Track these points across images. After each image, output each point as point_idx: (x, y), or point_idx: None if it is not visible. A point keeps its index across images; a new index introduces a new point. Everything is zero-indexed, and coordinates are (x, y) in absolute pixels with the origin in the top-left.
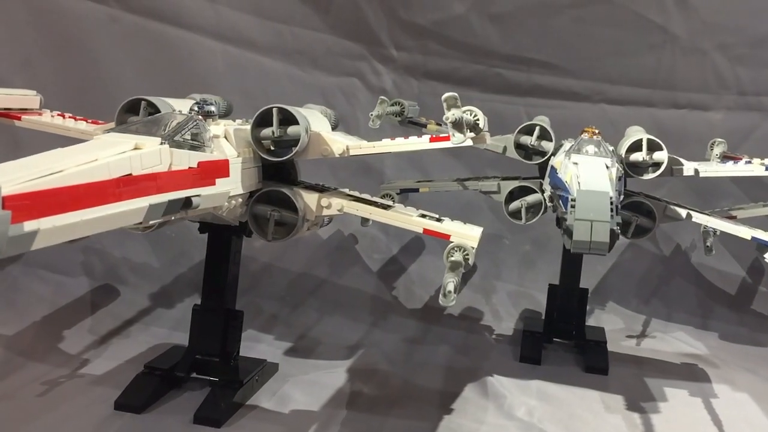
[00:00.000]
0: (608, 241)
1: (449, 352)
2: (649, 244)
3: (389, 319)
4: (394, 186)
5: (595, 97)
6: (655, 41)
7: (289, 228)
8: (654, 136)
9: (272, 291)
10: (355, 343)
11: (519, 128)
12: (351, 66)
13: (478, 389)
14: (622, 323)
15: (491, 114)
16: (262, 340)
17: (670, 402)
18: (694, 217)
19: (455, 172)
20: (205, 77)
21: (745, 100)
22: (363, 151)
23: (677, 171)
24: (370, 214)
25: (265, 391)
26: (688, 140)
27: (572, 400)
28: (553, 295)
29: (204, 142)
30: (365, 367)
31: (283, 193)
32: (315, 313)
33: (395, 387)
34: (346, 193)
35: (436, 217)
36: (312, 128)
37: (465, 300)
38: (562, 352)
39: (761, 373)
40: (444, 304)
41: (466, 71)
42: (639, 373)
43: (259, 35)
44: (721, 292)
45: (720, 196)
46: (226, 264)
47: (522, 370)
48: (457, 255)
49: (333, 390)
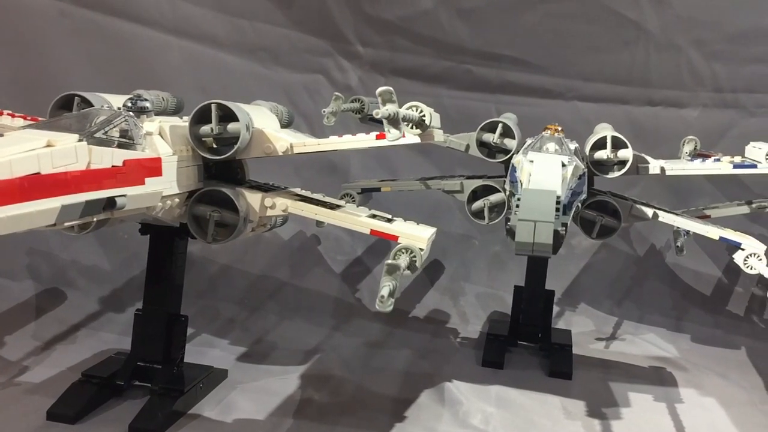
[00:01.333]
0: (551, 242)
1: (410, 356)
2: (622, 245)
3: (352, 322)
4: (356, 185)
5: (568, 95)
6: (628, 37)
7: (231, 229)
8: (620, 134)
9: (230, 294)
10: (312, 348)
11: (481, 125)
12: (315, 62)
13: (434, 395)
14: (593, 325)
15: (461, 112)
16: (216, 345)
17: (633, 407)
18: (661, 216)
19: (425, 170)
20: (161, 73)
21: (722, 97)
22: (307, 149)
23: (643, 169)
24: (315, 215)
25: (210, 399)
26: (663, 138)
27: (532, 406)
28: (518, 297)
29: (134, 139)
30: (319, 373)
31: (224, 193)
32: (274, 317)
33: (348, 394)
34: (294, 192)
35: (387, 218)
36: (255, 125)
37: (431, 302)
38: (527, 356)
39: (731, 377)
40: (380, 309)
41: (435, 68)
42: (604, 377)
43: (219, 30)
44: (696, 293)
45: (696, 194)
46: (169, 267)
47: (483, 375)
48: (403, 257)
49: (282, 397)
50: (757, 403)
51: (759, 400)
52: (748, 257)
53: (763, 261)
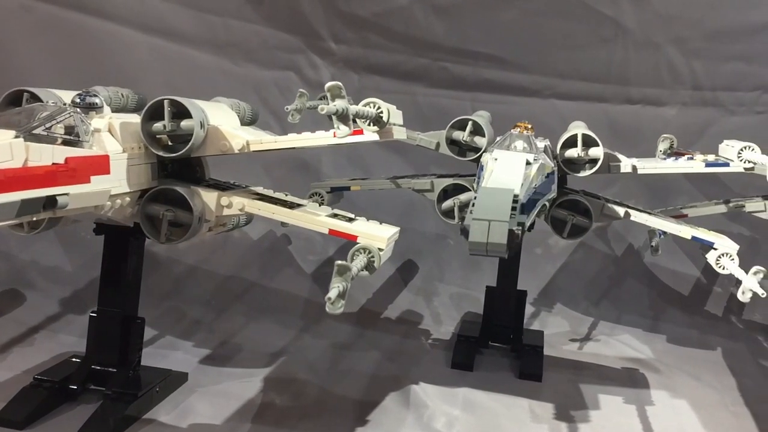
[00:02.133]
0: (505, 242)
1: (378, 358)
2: (600, 244)
3: (321, 323)
4: (325, 184)
5: (545, 92)
6: (606, 34)
7: (185, 229)
8: (597, 132)
9: (197, 295)
10: (278, 350)
11: (451, 123)
12: (287, 59)
13: (399, 398)
14: (568, 326)
15: (436, 110)
16: (180, 348)
17: (602, 410)
18: (633, 215)
19: (399, 169)
20: (127, 70)
21: (701, 95)
22: (264, 147)
23: (614, 168)
24: (273, 214)
25: (167, 403)
26: (642, 136)
27: (498, 409)
28: (490, 297)
29: (80, 136)
30: (283, 375)
31: (178, 192)
32: (241, 319)
33: (310, 397)
34: (254, 191)
35: (348, 217)
36: (211, 122)
37: (404, 303)
38: (498, 357)
39: (704, 379)
40: (330, 312)
41: (410, 65)
42: (575, 379)
43: (188, 26)
44: (674, 292)
45: (674, 194)
46: (125, 267)
47: (452, 377)
48: (360, 257)
49: (242, 401)
50: (728, 404)
51: (731, 402)
52: (720, 257)
53: (735, 261)
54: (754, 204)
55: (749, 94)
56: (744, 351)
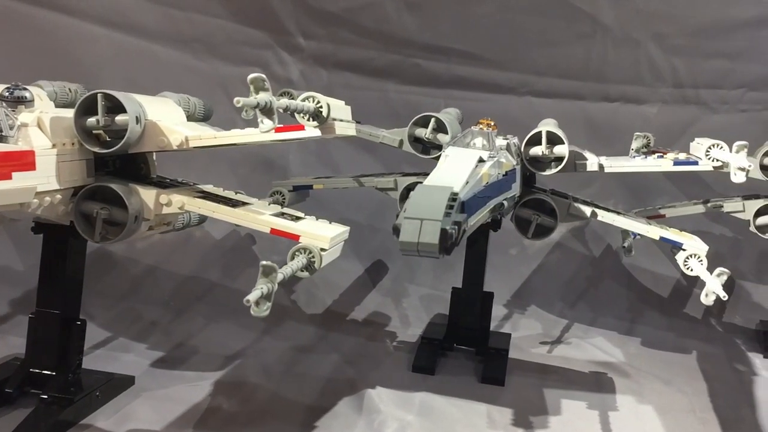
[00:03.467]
0: (437, 242)
1: (337, 361)
2: (578, 245)
3: (284, 325)
4: (287, 183)
5: (521, 90)
6: (584, 30)
7: (122, 227)
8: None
9: (155, 296)
10: (235, 353)
11: (414, 120)
12: (254, 55)
13: (353, 403)
14: (541, 329)
15: (409, 107)
16: (133, 350)
17: (563, 415)
18: (600, 215)
19: (369, 168)
20: (87, 65)
21: (682, 93)
22: (204, 143)
23: (581, 166)
24: (213, 213)
25: (108, 407)
26: (620, 135)
27: (455, 415)
28: (455, 299)
29: (2, 131)
30: (235, 379)
31: (113, 190)
32: (201, 320)
33: (259, 402)
34: (199, 189)
35: (295, 216)
36: (150, 117)
37: (372, 304)
38: (463, 361)
39: (675, 383)
40: (255, 315)
41: (381, 61)
42: (539, 384)
43: (150, 20)
44: (653, 294)
45: (655, 194)
46: (64, 267)
47: (411, 381)
48: (300, 258)
49: (188, 406)
50: (696, 410)
51: (699, 407)
52: (688, 258)
53: (703, 263)
54: (733, 204)
55: (732, 91)
56: (720, 355)
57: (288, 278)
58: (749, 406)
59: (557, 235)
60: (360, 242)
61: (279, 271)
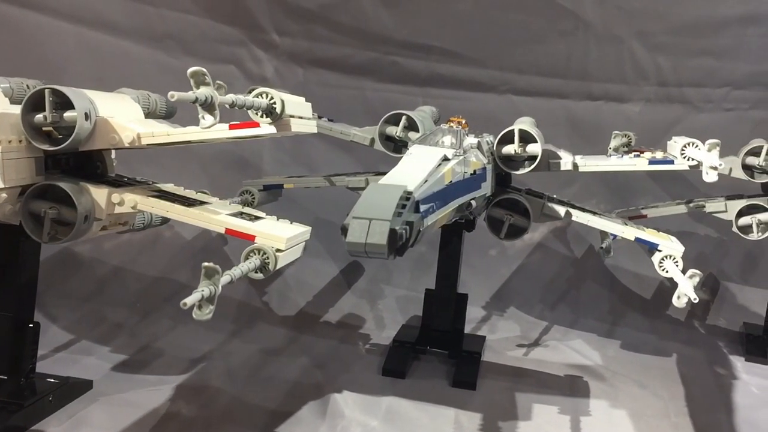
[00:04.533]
0: (385, 243)
1: (306, 364)
2: (559, 246)
3: (255, 327)
4: (257, 182)
5: (502, 88)
6: (566, 27)
7: (72, 227)
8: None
9: (121, 297)
10: (201, 356)
11: (384, 118)
12: (228, 52)
13: (317, 408)
14: (519, 331)
15: (387, 105)
16: (95, 353)
17: (533, 420)
18: (575, 215)
19: (345, 167)
20: (53, 62)
21: (666, 92)
22: (156, 140)
23: (554, 165)
24: (167, 212)
25: (62, 413)
26: (603, 134)
27: (421, 420)
28: (429, 300)
29: None
30: (198, 383)
31: (62, 188)
32: (167, 322)
33: (220, 407)
34: (156, 188)
35: (253, 216)
36: (100, 113)
37: (347, 306)
38: (436, 364)
39: (651, 387)
40: (197, 318)
41: (359, 58)
42: (512, 387)
43: (120, 16)
44: (635, 296)
45: (638, 194)
46: (16, 268)
47: (381, 385)
48: (254, 259)
49: (145, 411)
50: (671, 415)
51: (674, 412)
52: (663, 259)
53: (679, 264)
54: (715, 204)
55: (717, 90)
56: (701, 358)
57: (237, 280)
58: (726, 410)
59: (538, 236)
60: (335, 243)
61: (227, 272)
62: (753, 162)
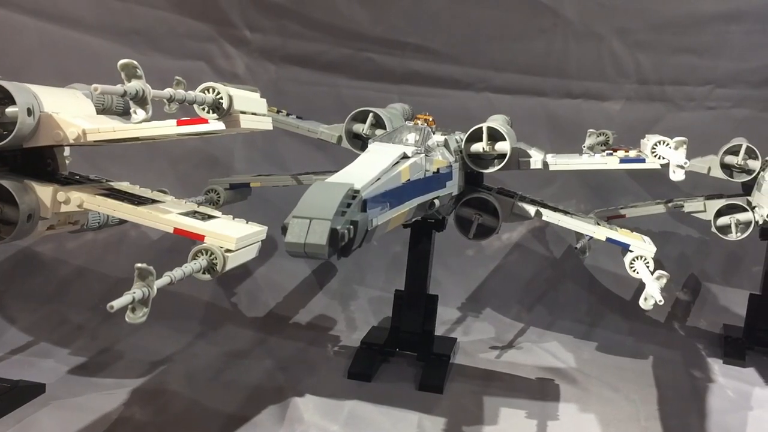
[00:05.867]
0: (325, 243)
1: (270, 367)
2: (537, 245)
3: (221, 329)
4: (224, 180)
5: (479, 85)
6: (544, 24)
7: (15, 227)
8: (501, 126)
9: (84, 299)
10: (163, 358)
11: (351, 115)
12: (197, 48)
13: (276, 413)
14: (494, 333)
15: (362, 103)
16: (53, 356)
17: (499, 425)
18: (545, 215)
19: (320, 166)
20: (14, 58)
21: (647, 90)
22: (102, 137)
23: (524, 164)
24: (114, 211)
25: (10, 417)
26: (583, 132)
27: (383, 425)
28: (398, 301)
29: None
30: (155, 387)
31: (3, 186)
32: (131, 324)
33: (175, 411)
34: (108, 186)
35: (207, 215)
36: (45, 109)
37: (318, 307)
38: (405, 367)
39: (624, 390)
40: (130, 321)
41: (332, 55)
42: (480, 391)
43: (85, 11)
44: (614, 297)
45: (619, 193)
46: None
47: (345, 389)
48: (200, 259)
49: (97, 415)
50: (641, 419)
51: (645, 416)
52: (634, 260)
53: (650, 265)
54: (695, 204)
55: (699, 88)
56: (678, 360)
57: (177, 281)
58: (698, 414)
59: (517, 236)
60: None
61: (167, 274)
62: (731, 161)
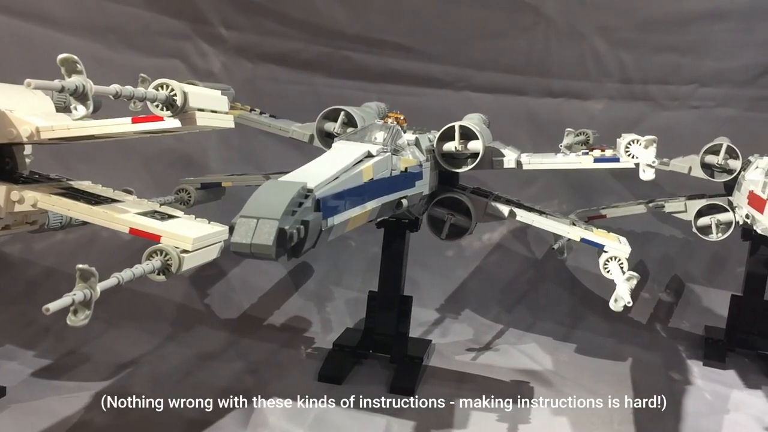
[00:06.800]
0: (272, 244)
1: (240, 370)
2: (519, 246)
3: (193, 330)
4: (195, 180)
5: (459, 84)
6: (526, 23)
7: None
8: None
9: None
10: (130, 361)
11: (322, 113)
12: (172, 46)
13: (239, 417)
14: (471, 334)
15: (340, 102)
16: (17, 358)
17: (469, 428)
18: (519, 215)
19: (295, 165)
20: None
21: (630, 89)
22: (56, 134)
23: (497, 163)
24: (68, 211)
25: None
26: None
27: (350, 429)
28: (372, 303)
29: None
30: (119, 390)
31: None
32: (100, 325)
33: (136, 415)
34: (65, 185)
35: (167, 215)
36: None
37: (293, 308)
38: (378, 369)
39: (599, 393)
40: (72, 324)
41: (310, 53)
42: (453, 394)
43: (56, 8)
44: (596, 298)
45: (602, 193)
46: None
47: (314, 392)
48: (155, 260)
49: (56, 419)
50: (614, 422)
51: (618, 420)
52: (608, 260)
53: (624, 266)
54: (675, 204)
55: (683, 87)
56: (657, 362)
57: (126, 282)
58: (673, 418)
59: (498, 236)
60: None
61: (115, 275)
62: (712, 161)
